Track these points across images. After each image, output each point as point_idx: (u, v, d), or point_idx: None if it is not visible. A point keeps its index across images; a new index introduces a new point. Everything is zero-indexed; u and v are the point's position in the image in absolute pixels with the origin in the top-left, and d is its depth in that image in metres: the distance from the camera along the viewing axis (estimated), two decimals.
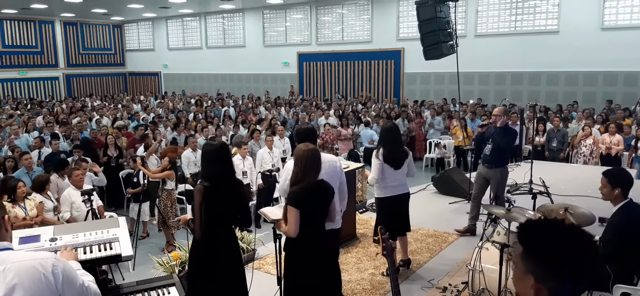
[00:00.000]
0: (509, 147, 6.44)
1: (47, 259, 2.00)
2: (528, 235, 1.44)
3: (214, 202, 3.53)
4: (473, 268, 4.39)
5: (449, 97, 17.00)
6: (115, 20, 27.22)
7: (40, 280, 1.92)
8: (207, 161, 3.65)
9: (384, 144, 5.13)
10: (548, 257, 1.37)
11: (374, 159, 5.12)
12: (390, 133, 5.21)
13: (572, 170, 9.93)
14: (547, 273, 1.37)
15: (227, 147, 3.92)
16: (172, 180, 7.32)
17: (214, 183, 3.55)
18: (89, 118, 13.46)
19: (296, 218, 3.45)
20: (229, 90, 22.33)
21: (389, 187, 5.17)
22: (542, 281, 1.38)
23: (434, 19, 9.81)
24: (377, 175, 5.10)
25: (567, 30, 15.32)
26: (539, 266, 1.38)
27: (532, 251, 1.41)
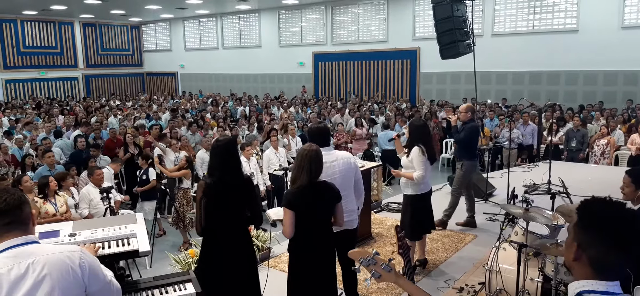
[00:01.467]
0: (466, 141, 6.57)
1: (74, 252, 2.04)
2: (584, 206, 1.60)
3: (216, 199, 3.51)
4: (490, 269, 4.34)
5: (465, 96, 16.86)
6: (133, 21, 27.55)
7: (68, 273, 1.96)
8: (214, 157, 3.65)
9: (420, 140, 5.09)
10: (597, 228, 1.52)
11: (420, 156, 5.03)
12: (424, 129, 5.20)
13: (591, 170, 9.77)
14: (592, 241, 1.52)
15: (234, 143, 3.91)
16: (188, 179, 7.39)
17: (219, 179, 3.53)
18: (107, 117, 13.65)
19: (291, 219, 3.39)
20: (244, 90, 22.45)
21: (426, 183, 5.18)
22: (584, 248, 1.53)
23: (450, 18, 9.74)
24: (426, 172, 5.07)
25: (587, 29, 15.08)
26: (586, 234, 1.54)
27: (581, 220, 1.57)
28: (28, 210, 2.01)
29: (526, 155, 11.12)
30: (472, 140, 6.70)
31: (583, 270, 1.56)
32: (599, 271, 1.53)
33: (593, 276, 1.54)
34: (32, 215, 2.05)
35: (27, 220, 2.01)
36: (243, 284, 3.71)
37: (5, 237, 1.95)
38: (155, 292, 2.79)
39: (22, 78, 23.95)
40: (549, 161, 8.60)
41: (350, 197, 4.14)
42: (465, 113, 6.63)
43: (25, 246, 1.95)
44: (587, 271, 1.55)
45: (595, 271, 1.53)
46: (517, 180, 7.85)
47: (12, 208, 1.95)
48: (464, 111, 6.66)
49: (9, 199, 1.95)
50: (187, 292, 2.84)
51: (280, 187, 8.64)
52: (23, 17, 23.48)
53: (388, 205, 7.99)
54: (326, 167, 3.82)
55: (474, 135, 6.76)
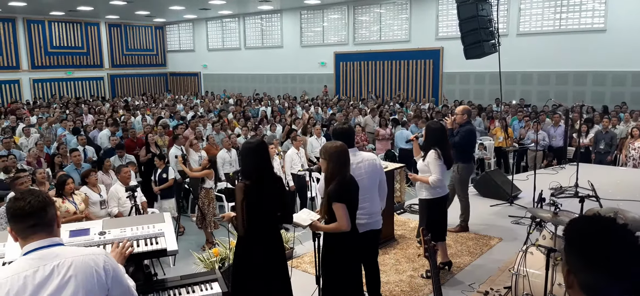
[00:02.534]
0: (462, 144, 6.40)
1: (98, 255, 2.05)
2: (570, 226, 1.45)
3: (255, 199, 3.57)
4: (517, 273, 4.27)
5: (489, 97, 16.64)
6: (157, 21, 27.94)
7: (92, 276, 1.97)
8: (247, 158, 3.69)
9: (437, 143, 5.04)
10: (580, 249, 1.37)
11: (436, 160, 4.99)
12: (440, 132, 5.15)
13: (620, 173, 9.53)
14: (579, 264, 1.36)
15: (265, 144, 3.96)
16: (211, 179, 7.45)
17: (254, 180, 3.58)
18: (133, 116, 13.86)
19: (345, 212, 3.48)
20: (265, 90, 22.56)
21: (440, 188, 5.12)
22: (574, 273, 1.38)
23: (475, 18, 9.62)
24: (442, 175, 5.02)
25: (615, 28, 14.72)
26: (573, 256, 1.38)
27: (568, 242, 1.42)
28: (53, 212, 2.02)
29: (552, 157, 10.91)
30: (468, 143, 6.57)
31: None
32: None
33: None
34: (57, 217, 2.06)
35: (51, 222, 2.02)
36: (276, 282, 3.75)
37: (30, 239, 1.96)
38: (182, 291, 2.82)
39: (50, 77, 24.50)
40: (576, 163, 8.42)
41: (375, 198, 4.16)
42: (461, 115, 6.46)
43: (51, 248, 1.97)
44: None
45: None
46: (543, 183, 7.70)
47: (37, 211, 1.96)
48: (460, 113, 6.50)
49: (33, 201, 1.96)
50: (214, 292, 2.86)
51: (302, 186, 8.65)
52: (50, 17, 24.02)
53: (410, 206, 7.92)
54: (353, 168, 3.92)
55: (471, 138, 6.64)
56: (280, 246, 3.93)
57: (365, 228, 4.07)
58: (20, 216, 1.96)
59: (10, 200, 2.06)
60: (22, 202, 1.96)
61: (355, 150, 4.21)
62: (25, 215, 1.95)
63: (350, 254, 3.69)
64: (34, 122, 13.55)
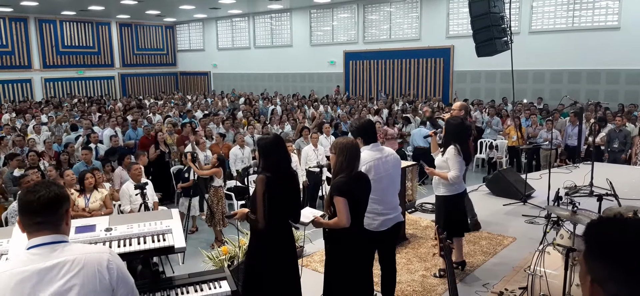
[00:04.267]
0: None
1: (103, 254, 1.97)
2: (592, 230, 1.27)
3: (276, 192, 3.52)
4: (533, 273, 4.15)
5: (500, 96, 16.45)
6: (168, 21, 28.03)
7: (94, 275, 1.90)
8: (266, 153, 3.63)
9: (456, 139, 4.95)
10: (607, 256, 1.20)
11: (455, 156, 4.90)
12: (460, 128, 5.06)
13: (635, 172, 9.35)
14: (606, 274, 1.19)
15: (281, 138, 3.90)
16: (219, 177, 7.39)
17: (274, 173, 3.53)
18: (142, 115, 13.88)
19: (345, 207, 3.41)
20: (275, 89, 22.53)
21: (460, 184, 5.04)
22: (600, 283, 1.21)
23: (487, 15, 9.47)
24: (461, 172, 4.93)
25: (629, 25, 14.48)
26: (598, 265, 1.21)
27: (590, 249, 1.25)
28: (63, 209, 1.95)
29: (565, 156, 10.74)
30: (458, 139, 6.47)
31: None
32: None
33: None
34: (67, 214, 1.98)
35: (59, 220, 1.94)
36: (289, 279, 3.69)
37: (35, 235, 1.90)
38: (190, 290, 2.75)
39: (61, 77, 24.66)
40: (591, 162, 8.26)
41: (396, 193, 4.11)
42: (458, 111, 6.30)
43: (54, 245, 1.90)
44: None
45: None
46: (556, 182, 7.55)
47: (45, 208, 1.89)
48: (457, 110, 6.33)
49: (43, 198, 1.89)
50: (222, 290, 2.79)
51: (316, 182, 8.61)
52: (62, 17, 24.18)
53: (422, 205, 7.82)
54: (382, 162, 3.98)
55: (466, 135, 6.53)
56: (293, 243, 3.87)
57: (393, 221, 4.05)
58: (28, 211, 1.90)
59: (23, 190, 1.99)
60: (32, 196, 1.90)
61: (378, 144, 4.16)
62: (33, 211, 1.89)
63: (356, 254, 3.61)
64: (45, 120, 13.63)
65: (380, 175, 3.91)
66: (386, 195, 3.98)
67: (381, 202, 3.93)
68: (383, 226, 3.99)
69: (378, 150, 4.06)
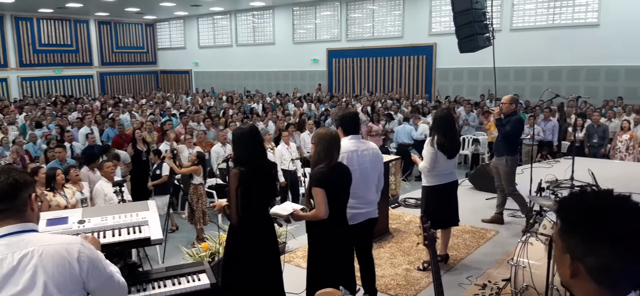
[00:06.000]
0: (511, 134, 6.29)
1: (73, 245, 1.87)
2: (566, 205, 1.22)
3: (250, 186, 3.43)
4: (516, 264, 4.14)
5: (483, 93, 16.55)
6: (148, 19, 27.64)
7: (63, 267, 1.80)
8: (239, 145, 3.55)
9: (439, 131, 4.94)
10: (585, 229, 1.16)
11: (429, 147, 4.94)
12: (445, 120, 5.04)
13: (613, 166, 9.49)
14: (585, 248, 1.15)
15: (257, 129, 3.83)
16: (199, 175, 7.26)
17: (248, 166, 3.44)
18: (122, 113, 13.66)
19: (324, 197, 3.34)
20: (258, 88, 22.38)
21: (440, 175, 5.03)
22: (580, 258, 1.16)
23: (469, 10, 9.51)
24: (429, 164, 4.93)
25: (608, 23, 14.67)
26: (576, 241, 1.17)
27: (564, 224, 1.21)
28: (25, 195, 1.84)
29: (546, 151, 10.84)
30: (517, 133, 6.49)
31: (585, 286, 1.19)
32: (605, 284, 1.16)
33: (598, 293, 1.17)
34: (31, 200, 1.87)
35: (23, 207, 1.84)
36: (269, 273, 3.61)
37: (1, 224, 1.80)
38: (167, 283, 2.66)
39: (38, 76, 24.12)
40: (572, 157, 8.33)
41: (373, 188, 4.05)
42: (509, 104, 6.30)
43: (21, 234, 1.80)
44: (590, 287, 1.17)
45: (600, 285, 1.16)
46: (538, 176, 7.56)
47: (6, 194, 1.79)
48: (507, 102, 6.32)
49: (3, 183, 1.79)
50: (201, 283, 2.70)
51: (293, 182, 8.55)
52: (39, 15, 23.66)
53: (405, 200, 7.80)
54: (358, 155, 3.91)
55: (520, 128, 6.55)
56: (273, 237, 3.80)
57: (364, 217, 3.97)
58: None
59: None
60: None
61: (359, 137, 4.09)
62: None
63: (338, 246, 3.54)
64: (22, 119, 13.32)
65: (353, 168, 3.80)
66: (358, 189, 3.85)
67: (353, 196, 3.80)
68: (353, 220, 3.88)
69: (357, 142, 3.98)
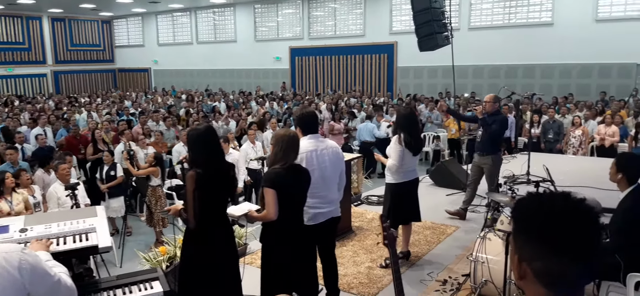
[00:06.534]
0: (498, 133, 6.37)
1: (12, 253, 1.76)
2: (517, 207, 1.23)
3: (208, 188, 3.34)
4: (475, 259, 4.20)
5: (442, 90, 16.83)
6: (104, 15, 26.79)
7: (2, 276, 1.69)
8: (195, 146, 3.44)
9: (405, 130, 4.95)
10: (533, 233, 1.16)
11: (396, 145, 4.93)
12: (409, 118, 5.06)
13: (567, 160, 9.81)
14: (532, 252, 1.16)
15: (213, 129, 3.72)
16: (157, 177, 7.06)
17: (206, 168, 3.34)
18: (78, 113, 13.19)
19: (274, 199, 3.27)
20: (220, 86, 22.07)
21: (405, 172, 5.04)
22: (527, 261, 1.17)
23: (428, 9, 9.62)
24: (398, 162, 4.92)
25: (561, 22, 15.19)
26: (525, 243, 1.17)
27: (518, 227, 1.21)
28: None
29: (504, 147, 11.09)
30: (503, 131, 6.55)
31: (533, 288, 1.18)
32: (551, 288, 1.16)
33: None
34: None
35: None
36: (227, 278, 3.52)
37: None
38: (118, 292, 2.53)
39: None
40: (528, 152, 8.56)
41: (334, 187, 4.02)
42: (492, 103, 6.30)
43: None
44: (538, 290, 1.17)
45: (550, 291, 1.16)
46: None
47: None
48: (491, 101, 6.30)
49: None
50: (154, 291, 2.58)
51: (258, 180, 8.43)
52: None
53: (368, 198, 7.83)
54: (318, 154, 3.84)
55: (506, 127, 6.63)
56: (232, 241, 3.71)
57: (326, 216, 3.93)
58: None
59: None
60: None
61: (318, 136, 4.04)
62: None
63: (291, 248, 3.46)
64: None
65: (312, 168, 3.77)
66: (318, 188, 3.82)
67: (313, 196, 3.78)
68: (315, 220, 3.85)
69: (316, 142, 3.93)
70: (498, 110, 6.45)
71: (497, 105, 6.42)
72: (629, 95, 13.66)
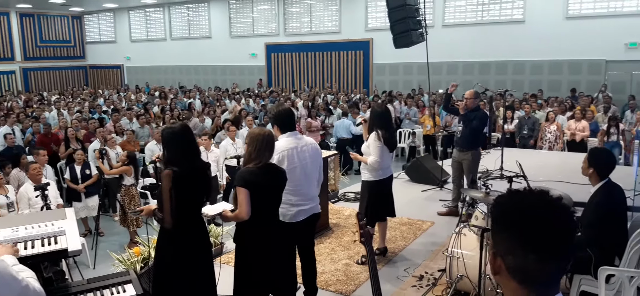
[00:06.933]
0: (478, 129, 6.44)
1: None
2: (496, 203, 1.27)
3: (184, 188, 3.28)
4: (451, 255, 4.24)
5: (417, 87, 16.97)
6: (74, 11, 26.14)
7: None
8: (171, 145, 3.38)
9: (381, 126, 4.96)
10: (507, 229, 1.20)
11: (375, 142, 4.92)
12: (385, 116, 5.08)
13: (541, 156, 9.99)
14: (506, 247, 1.19)
15: (189, 128, 3.67)
16: (130, 176, 6.93)
17: (181, 167, 3.28)
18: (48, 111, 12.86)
19: (246, 198, 3.23)
20: (195, 83, 21.80)
21: (383, 169, 5.06)
22: (502, 256, 1.21)
23: (403, 7, 9.69)
24: (380, 158, 4.93)
25: (533, 19, 15.46)
26: (500, 239, 1.22)
27: (495, 222, 1.25)
28: None
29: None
30: (482, 127, 6.59)
31: (507, 283, 1.22)
32: (523, 283, 1.19)
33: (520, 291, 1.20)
34: None
35: None
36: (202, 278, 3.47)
37: None
38: None
39: None
40: (501, 148, 8.69)
41: (314, 184, 4.02)
42: (473, 99, 6.36)
43: None
44: (512, 287, 1.21)
45: (522, 287, 1.19)
46: None
47: None
48: (471, 97, 6.36)
49: None
50: (127, 295, 2.52)
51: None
52: None
53: (345, 194, 7.84)
54: (298, 152, 3.84)
55: (485, 123, 6.68)
56: (207, 241, 3.66)
57: (307, 213, 3.94)
58: None
59: None
60: None
61: (296, 133, 4.03)
62: None
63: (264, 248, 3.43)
64: None
65: (294, 165, 3.78)
66: (301, 185, 3.85)
67: (296, 193, 3.81)
68: (297, 217, 3.87)
69: (295, 139, 3.93)
70: (478, 107, 6.52)
71: (477, 101, 6.49)
72: (598, 90, 14.01)
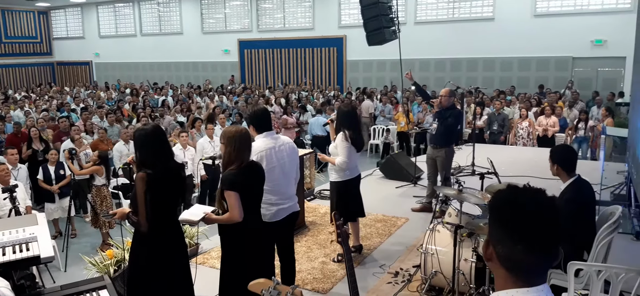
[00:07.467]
0: (453, 126, 6.54)
1: None
2: (494, 196, 1.39)
3: (159, 190, 3.24)
4: (425, 251, 4.31)
5: (389, 84, 17.11)
6: (41, 6, 25.37)
7: None
8: (143, 147, 3.33)
9: (348, 127, 4.98)
10: (498, 219, 1.33)
11: (343, 142, 4.93)
12: (351, 115, 5.10)
13: (511, 151, 10.22)
14: (498, 236, 1.32)
15: (161, 129, 3.63)
16: (101, 176, 6.80)
17: (155, 169, 3.24)
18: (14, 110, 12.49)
19: (237, 201, 3.23)
20: (167, 79, 21.46)
21: (351, 169, 5.09)
22: (494, 245, 1.34)
23: (376, 4, 9.74)
24: (349, 159, 4.95)
25: (502, 17, 15.76)
26: (494, 229, 1.34)
27: (490, 213, 1.37)
28: None
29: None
30: (457, 125, 6.68)
31: (498, 272, 1.34)
32: (512, 271, 1.30)
33: (511, 282, 1.30)
34: None
35: None
36: (178, 281, 3.44)
37: None
38: None
39: None
40: (472, 144, 8.85)
41: (292, 183, 4.05)
42: (448, 97, 6.41)
43: None
44: (502, 273, 1.32)
45: (510, 274, 1.30)
46: None
47: None
48: (446, 95, 6.41)
49: None
50: None
51: (214, 177, 8.31)
52: None
53: (320, 192, 7.86)
54: (275, 151, 3.86)
55: (460, 121, 6.76)
56: (182, 243, 3.63)
57: (287, 212, 3.96)
58: None
59: None
60: None
61: (273, 133, 4.03)
62: None
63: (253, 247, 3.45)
64: None
65: (272, 165, 3.79)
66: (280, 185, 3.88)
67: (275, 192, 3.83)
68: (277, 216, 3.90)
69: (272, 138, 3.94)
70: (453, 104, 6.62)
71: (452, 99, 6.59)
72: (565, 86, 14.40)
